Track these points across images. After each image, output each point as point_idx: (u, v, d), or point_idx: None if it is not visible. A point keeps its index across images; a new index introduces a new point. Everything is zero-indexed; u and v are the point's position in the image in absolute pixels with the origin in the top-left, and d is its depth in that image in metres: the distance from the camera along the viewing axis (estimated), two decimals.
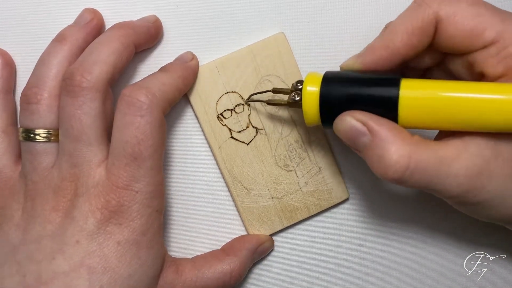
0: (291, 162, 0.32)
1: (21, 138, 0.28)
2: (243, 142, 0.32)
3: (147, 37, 0.30)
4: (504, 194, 0.23)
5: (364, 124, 0.24)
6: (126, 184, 0.26)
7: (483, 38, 0.23)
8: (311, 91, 0.26)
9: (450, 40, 0.24)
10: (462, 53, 0.24)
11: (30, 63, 0.29)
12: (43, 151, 0.27)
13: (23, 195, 0.28)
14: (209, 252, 0.32)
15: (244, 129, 0.31)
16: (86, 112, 0.26)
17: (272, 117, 0.31)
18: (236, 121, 0.31)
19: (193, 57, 0.31)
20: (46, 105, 0.27)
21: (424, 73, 0.28)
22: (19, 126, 0.28)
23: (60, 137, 0.27)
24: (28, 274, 0.25)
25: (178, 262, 0.30)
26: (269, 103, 0.29)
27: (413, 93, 0.24)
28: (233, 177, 0.32)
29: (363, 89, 0.24)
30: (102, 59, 0.27)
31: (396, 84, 0.24)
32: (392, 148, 0.23)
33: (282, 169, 0.32)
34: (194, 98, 0.31)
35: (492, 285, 0.32)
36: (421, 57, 0.26)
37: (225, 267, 0.30)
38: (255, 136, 0.32)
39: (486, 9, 0.23)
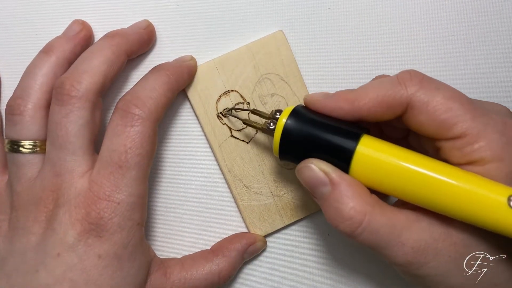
0: None
1: (6, 150, 0.28)
2: (243, 140, 0.32)
3: (140, 44, 0.30)
4: (445, 274, 0.23)
5: (326, 174, 0.24)
6: (108, 195, 0.26)
7: (452, 132, 0.23)
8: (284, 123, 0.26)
9: (419, 126, 0.24)
10: (430, 138, 0.24)
11: (18, 75, 0.29)
12: (27, 162, 0.27)
13: (9, 205, 0.28)
14: (198, 252, 0.32)
15: (244, 128, 0.32)
16: (72, 121, 0.26)
17: None
18: (236, 120, 0.31)
19: (191, 58, 0.31)
20: (30, 116, 0.27)
21: (401, 132, 0.28)
22: (5, 137, 0.28)
23: (47, 146, 0.27)
24: (16, 286, 0.25)
25: (167, 264, 0.30)
26: (244, 122, 0.30)
27: (369, 152, 0.24)
28: (233, 176, 0.32)
29: (324, 133, 0.25)
30: (92, 68, 0.27)
31: (356, 138, 0.24)
32: (350, 203, 0.23)
33: (283, 167, 0.32)
34: (193, 97, 0.31)
35: (492, 285, 0.31)
36: (396, 123, 0.26)
37: (214, 267, 0.30)
38: (255, 135, 0.32)
39: (460, 104, 0.23)
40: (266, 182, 0.32)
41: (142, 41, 0.30)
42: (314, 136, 0.25)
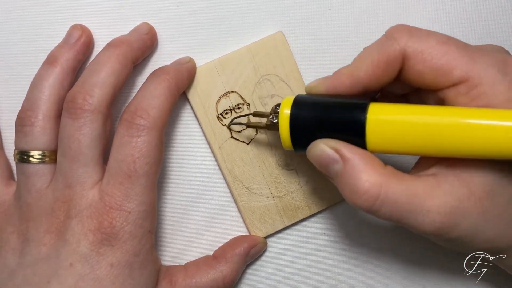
0: (292, 161, 0.32)
1: (15, 160, 0.28)
2: (243, 141, 0.32)
3: (143, 50, 0.30)
4: (476, 231, 0.23)
5: (336, 151, 0.24)
6: (119, 204, 0.26)
7: (451, 77, 0.22)
8: (288, 114, 0.26)
9: (418, 77, 0.23)
10: (432, 89, 0.24)
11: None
12: (37, 173, 0.28)
13: (18, 217, 0.28)
14: (201, 259, 0.32)
15: (244, 129, 0.32)
16: (85, 133, 0.27)
17: None
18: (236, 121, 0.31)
19: (190, 60, 0.31)
20: (40, 127, 0.28)
21: (401, 98, 0.28)
22: (14, 148, 0.29)
23: (58, 157, 0.28)
24: None
25: (171, 272, 0.30)
26: (248, 125, 0.30)
27: (381, 117, 0.23)
28: (233, 177, 0.32)
29: (332, 112, 0.24)
30: (102, 80, 0.27)
31: (364, 109, 0.24)
32: (364, 176, 0.23)
33: (283, 168, 0.32)
34: (193, 98, 0.31)
35: (492, 285, 0.32)
36: (394, 86, 0.26)
37: (218, 274, 0.30)
38: (255, 136, 0.32)
39: (455, 47, 0.23)
40: (267, 183, 0.32)
41: (146, 47, 0.30)
42: (321, 118, 0.24)
